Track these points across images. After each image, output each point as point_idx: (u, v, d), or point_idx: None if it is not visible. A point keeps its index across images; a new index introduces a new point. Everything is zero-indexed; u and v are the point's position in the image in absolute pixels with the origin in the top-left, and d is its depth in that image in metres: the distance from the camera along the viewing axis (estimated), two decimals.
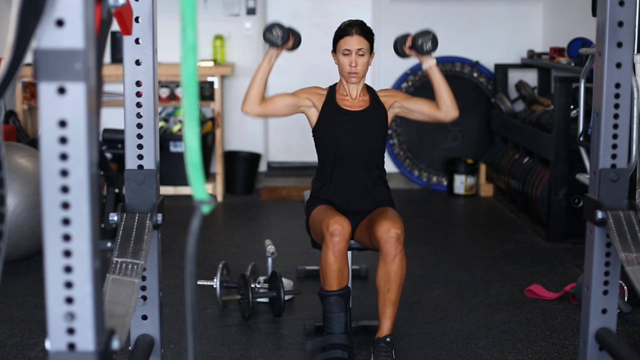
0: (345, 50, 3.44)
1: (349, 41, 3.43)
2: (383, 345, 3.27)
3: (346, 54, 3.44)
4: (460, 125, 7.02)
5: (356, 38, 3.43)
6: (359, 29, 3.45)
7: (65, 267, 1.42)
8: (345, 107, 3.51)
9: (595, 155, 2.39)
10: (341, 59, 3.47)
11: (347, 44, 3.44)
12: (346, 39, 3.44)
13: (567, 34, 6.13)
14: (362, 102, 3.54)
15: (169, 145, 6.41)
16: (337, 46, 3.49)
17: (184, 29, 1.34)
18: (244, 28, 6.95)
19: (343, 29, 3.47)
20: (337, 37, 3.49)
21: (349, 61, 3.44)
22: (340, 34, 3.47)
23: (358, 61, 3.44)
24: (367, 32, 3.47)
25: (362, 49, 3.44)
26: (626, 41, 2.29)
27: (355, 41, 3.43)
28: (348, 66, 3.44)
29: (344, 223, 3.25)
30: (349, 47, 3.43)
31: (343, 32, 3.46)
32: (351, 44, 3.43)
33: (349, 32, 3.44)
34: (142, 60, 2.37)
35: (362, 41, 3.44)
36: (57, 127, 1.39)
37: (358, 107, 3.52)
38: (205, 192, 1.38)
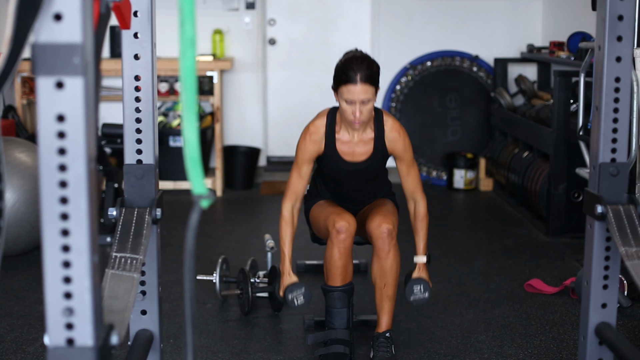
0: (348, 99, 3.10)
1: (353, 91, 3.07)
2: (382, 340, 3.27)
3: (349, 103, 3.11)
4: (460, 120, 7.02)
5: (360, 87, 3.07)
6: (363, 76, 3.06)
7: (64, 262, 1.42)
8: (346, 156, 3.29)
9: (595, 149, 2.38)
10: (343, 105, 3.13)
11: (350, 93, 3.08)
12: (349, 88, 3.07)
13: (566, 28, 6.12)
14: (365, 146, 3.27)
15: (168, 139, 6.40)
16: (338, 89, 3.13)
17: (182, 23, 1.34)
18: (243, 22, 6.94)
19: (345, 73, 3.08)
20: (339, 81, 3.12)
21: (351, 110, 3.11)
22: (342, 79, 3.09)
23: (363, 109, 3.11)
24: (373, 77, 3.11)
25: (367, 98, 3.09)
26: (626, 35, 2.29)
27: (360, 91, 3.07)
28: (351, 115, 3.12)
29: (350, 220, 3.24)
30: (352, 97, 3.08)
31: (346, 78, 3.08)
32: (355, 94, 3.07)
33: (352, 79, 3.06)
34: (140, 54, 2.37)
35: (367, 89, 3.08)
36: (55, 122, 1.38)
37: (360, 156, 3.29)
38: (204, 186, 1.38)
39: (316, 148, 3.27)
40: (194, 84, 1.36)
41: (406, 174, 3.32)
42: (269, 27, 7.02)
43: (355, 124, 3.15)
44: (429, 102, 7.02)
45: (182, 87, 1.36)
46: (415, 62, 6.98)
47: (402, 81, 7.00)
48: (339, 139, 3.28)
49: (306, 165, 3.29)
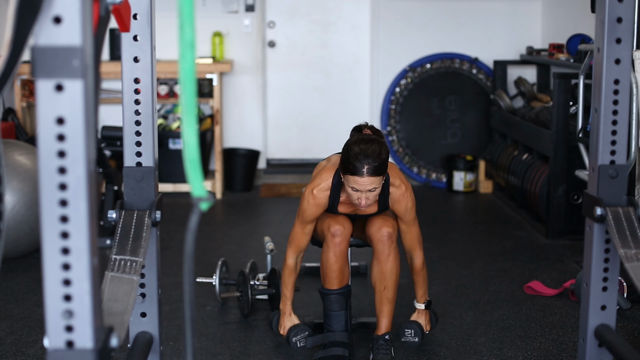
0: (355, 188, 3.05)
1: (360, 182, 3.02)
2: (382, 342, 3.28)
3: (355, 191, 3.06)
4: (460, 122, 7.02)
5: (367, 179, 3.01)
6: (370, 169, 2.99)
7: (64, 265, 1.42)
8: (347, 212, 3.31)
9: (594, 151, 2.38)
10: (349, 190, 3.09)
11: (357, 183, 3.02)
12: (356, 179, 3.01)
13: (566, 30, 6.13)
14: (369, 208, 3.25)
15: (167, 142, 6.41)
16: (345, 175, 3.07)
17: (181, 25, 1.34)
18: (243, 25, 6.94)
19: (353, 164, 3.00)
20: (345, 169, 3.05)
21: (357, 196, 3.07)
22: (349, 169, 3.02)
23: (369, 196, 3.07)
24: (380, 168, 3.02)
25: (374, 187, 3.05)
26: (625, 37, 2.29)
27: (367, 182, 3.02)
28: (356, 200, 3.09)
29: (346, 223, 3.25)
30: (358, 187, 3.03)
31: (353, 169, 3.01)
32: (362, 186, 3.03)
33: (359, 172, 2.99)
34: (140, 57, 2.37)
35: (375, 180, 3.02)
36: (55, 125, 1.38)
37: (362, 213, 3.30)
38: (203, 189, 1.38)
39: (320, 210, 3.26)
40: (194, 87, 1.36)
41: (406, 232, 3.33)
42: (268, 29, 7.03)
43: (360, 207, 3.12)
44: (428, 105, 7.03)
45: (181, 89, 1.36)
46: (415, 65, 6.99)
47: (402, 83, 7.00)
48: (343, 202, 3.27)
49: (310, 225, 3.30)
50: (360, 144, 3.03)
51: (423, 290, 3.43)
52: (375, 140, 3.06)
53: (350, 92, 7.13)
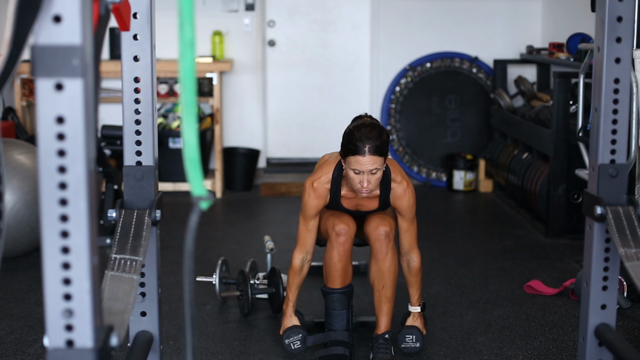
0: (356, 169, 3.06)
1: (361, 161, 3.03)
2: (382, 341, 3.28)
3: (357, 173, 3.07)
4: (460, 121, 7.02)
5: (369, 158, 3.02)
6: (372, 148, 3.01)
7: (64, 264, 1.42)
8: (350, 208, 3.31)
9: (594, 150, 2.38)
10: (351, 174, 3.09)
11: (358, 164, 3.03)
12: (357, 159, 3.03)
13: (566, 30, 6.13)
14: (370, 203, 3.29)
15: (167, 141, 6.40)
16: (346, 159, 3.09)
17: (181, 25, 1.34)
18: (243, 24, 6.94)
19: (354, 144, 3.03)
20: (346, 151, 3.07)
21: (359, 180, 3.07)
22: (350, 150, 3.04)
23: (371, 179, 3.07)
24: (381, 149, 3.04)
25: (375, 168, 3.05)
26: (625, 36, 2.29)
27: (368, 161, 3.02)
28: (358, 184, 3.09)
29: (350, 222, 3.25)
30: (360, 168, 3.04)
31: (354, 149, 3.02)
32: (363, 165, 3.03)
33: (360, 151, 3.01)
34: (140, 56, 2.37)
35: (376, 160, 3.03)
36: (55, 124, 1.38)
37: (363, 208, 3.32)
38: (203, 188, 1.38)
39: (321, 203, 3.26)
40: (194, 86, 1.36)
41: (405, 231, 3.32)
42: (268, 28, 7.02)
43: (362, 193, 3.13)
44: (428, 104, 7.03)
45: (181, 88, 1.36)
46: (415, 64, 6.99)
47: (402, 82, 7.00)
48: (344, 195, 3.27)
49: (313, 220, 3.29)
50: (361, 127, 3.06)
51: (419, 294, 3.41)
52: (376, 124, 3.11)
53: (350, 91, 7.13)
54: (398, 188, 3.23)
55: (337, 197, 3.26)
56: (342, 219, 3.24)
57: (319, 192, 3.23)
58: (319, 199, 3.24)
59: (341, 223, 3.22)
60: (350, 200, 3.28)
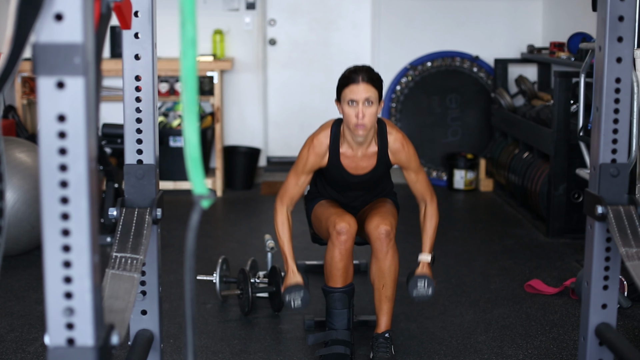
0: (351, 100, 3.11)
1: (355, 90, 3.10)
2: (382, 340, 3.27)
3: (352, 105, 3.11)
4: (460, 120, 7.02)
5: (363, 86, 3.10)
6: (365, 76, 3.11)
7: (65, 262, 1.42)
8: (350, 169, 3.29)
9: (595, 150, 2.38)
10: (346, 110, 3.13)
11: (352, 93, 3.10)
12: (352, 88, 3.10)
13: (567, 29, 6.12)
14: (368, 160, 3.29)
15: (168, 140, 6.41)
16: (341, 95, 3.16)
17: (183, 23, 1.34)
18: (244, 23, 6.94)
19: (347, 76, 3.14)
20: (342, 85, 3.16)
21: (355, 112, 3.10)
22: (345, 82, 3.14)
23: (366, 112, 3.09)
24: (375, 79, 3.15)
25: (370, 98, 3.11)
26: (626, 36, 2.29)
27: (362, 90, 3.10)
28: (354, 118, 3.11)
29: (351, 221, 3.24)
30: (355, 96, 3.09)
31: (348, 79, 3.13)
32: (358, 93, 3.10)
33: (354, 80, 3.11)
34: (141, 54, 2.37)
35: (370, 89, 3.11)
36: (56, 122, 1.38)
37: (363, 169, 3.30)
38: (204, 186, 1.38)
39: (318, 161, 3.27)
40: (195, 84, 1.36)
41: (415, 181, 3.32)
42: (269, 27, 7.02)
43: (358, 129, 3.11)
44: (429, 103, 7.02)
45: (182, 87, 1.36)
46: (416, 63, 6.98)
47: (403, 82, 7.00)
48: (343, 153, 3.27)
49: (305, 176, 3.30)
50: (353, 66, 3.22)
51: (431, 241, 3.32)
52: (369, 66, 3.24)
53: None
54: (395, 141, 3.26)
55: (337, 154, 3.26)
56: (344, 218, 3.24)
57: (317, 150, 3.26)
58: (317, 156, 3.26)
59: (342, 222, 3.22)
60: (349, 159, 3.27)
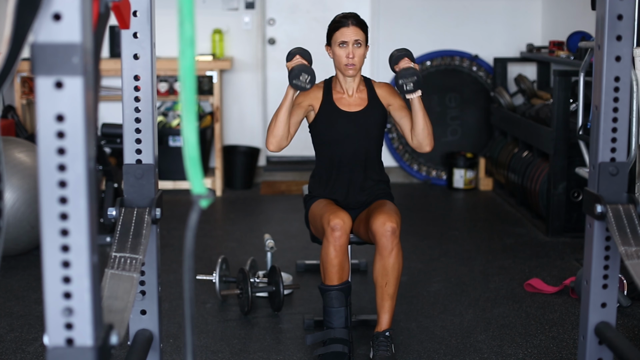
0: (342, 42, 3.40)
1: (345, 32, 3.39)
2: (382, 339, 3.27)
3: (342, 46, 3.41)
4: (460, 119, 7.02)
5: (352, 29, 3.39)
6: (354, 20, 3.40)
7: (63, 262, 1.42)
8: (343, 107, 3.48)
9: (594, 148, 2.38)
10: (337, 51, 3.43)
11: (343, 35, 3.39)
12: (342, 31, 3.40)
13: (566, 28, 6.12)
14: (360, 99, 3.50)
15: (167, 139, 6.40)
16: (332, 39, 3.46)
17: (181, 22, 1.34)
18: (243, 22, 6.93)
19: (338, 20, 3.43)
20: (332, 30, 3.45)
21: (345, 53, 3.40)
22: (336, 26, 3.43)
23: (355, 52, 3.39)
24: (362, 23, 3.44)
25: (359, 40, 3.39)
26: (625, 34, 2.29)
27: (352, 32, 3.39)
28: (345, 58, 3.40)
29: (345, 217, 3.25)
30: (345, 38, 3.39)
31: (338, 23, 3.42)
32: (348, 35, 3.39)
33: (344, 24, 3.40)
34: (140, 54, 2.37)
35: (359, 32, 3.40)
36: (55, 122, 1.38)
37: (356, 107, 3.48)
38: (203, 186, 1.38)
39: (311, 101, 3.49)
40: (194, 84, 1.36)
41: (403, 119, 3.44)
42: (268, 26, 7.02)
43: (349, 68, 3.40)
44: (428, 102, 7.02)
45: (181, 86, 1.36)
46: (415, 62, 6.98)
47: None
48: (335, 96, 3.51)
49: (297, 113, 3.42)
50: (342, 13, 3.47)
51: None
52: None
53: None
54: (380, 86, 3.52)
55: (329, 96, 3.49)
56: (338, 214, 3.24)
57: (312, 93, 3.50)
58: (310, 96, 3.49)
59: (336, 218, 3.22)
60: (342, 99, 3.49)
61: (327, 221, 3.24)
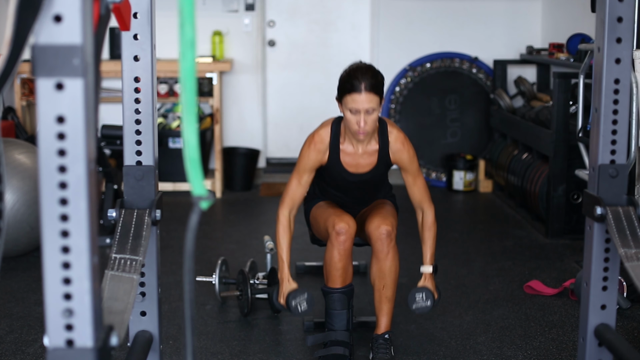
0: (353, 109, 3.08)
1: (358, 99, 3.05)
2: (382, 342, 3.27)
3: (354, 113, 3.09)
4: (459, 121, 7.02)
5: (365, 96, 3.04)
6: (367, 85, 3.04)
7: (64, 264, 1.42)
8: (350, 168, 3.29)
9: (594, 151, 2.38)
10: (348, 115, 3.10)
11: (355, 102, 3.05)
12: (354, 97, 3.05)
13: (566, 30, 6.13)
14: (369, 158, 3.28)
15: (167, 141, 6.40)
16: (342, 98, 3.11)
17: (182, 24, 1.34)
18: (243, 24, 6.94)
19: (350, 82, 3.06)
20: (343, 90, 3.10)
21: (356, 120, 3.08)
22: (347, 88, 3.08)
23: (367, 119, 3.08)
24: (377, 86, 3.08)
25: (372, 107, 3.07)
26: (625, 37, 2.29)
27: (365, 99, 3.04)
28: (355, 125, 3.10)
29: (350, 221, 3.25)
30: (357, 106, 3.06)
31: (350, 87, 3.06)
32: (359, 103, 3.05)
33: (357, 88, 3.04)
34: (140, 56, 2.37)
35: (372, 98, 3.05)
36: (55, 123, 1.38)
37: (364, 167, 3.29)
38: (203, 188, 1.38)
39: (319, 158, 3.27)
40: (194, 86, 1.36)
41: (412, 184, 3.32)
42: (268, 28, 7.02)
43: (359, 134, 3.12)
44: (428, 104, 7.02)
45: (181, 88, 1.36)
46: (415, 64, 6.98)
47: (402, 83, 7.00)
48: (343, 150, 3.27)
49: (307, 174, 3.29)
50: (357, 68, 3.11)
51: (431, 252, 3.32)
52: (371, 66, 3.16)
53: None
54: (396, 140, 3.26)
55: (337, 151, 3.25)
56: (343, 218, 3.24)
57: (319, 147, 3.26)
58: (318, 153, 3.26)
59: (341, 222, 3.22)
60: (350, 157, 3.27)
61: (331, 225, 3.23)
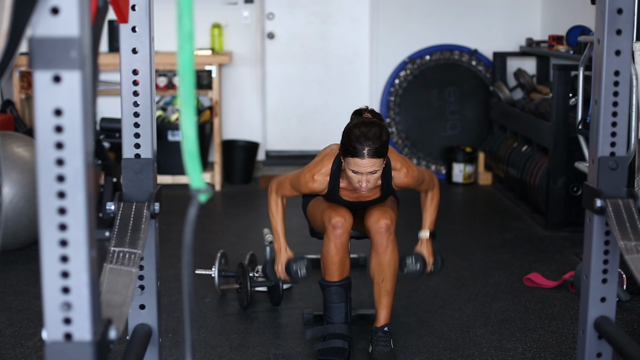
0: (355, 171, 3.04)
1: (360, 164, 3.00)
2: (381, 334, 3.27)
3: (356, 173, 3.05)
4: (459, 114, 7.01)
5: (368, 161, 2.99)
6: (371, 151, 2.97)
7: (62, 257, 1.41)
8: (350, 199, 3.28)
9: (594, 143, 2.38)
10: (349, 173, 3.07)
11: (357, 166, 3.01)
12: (356, 161, 3.00)
13: (566, 22, 6.11)
14: (372, 192, 3.26)
15: (166, 134, 6.40)
16: (345, 157, 3.06)
17: (180, 17, 1.33)
18: (242, 16, 6.92)
19: (353, 146, 2.99)
20: (346, 151, 3.03)
21: (358, 179, 3.05)
22: (350, 151, 3.01)
23: (370, 179, 3.05)
24: (381, 149, 3.00)
25: (374, 170, 3.03)
26: (625, 29, 2.28)
27: (367, 164, 3.00)
28: (357, 183, 3.07)
29: (346, 215, 3.25)
30: (359, 169, 3.02)
31: (353, 151, 2.99)
32: (362, 167, 3.01)
33: (359, 153, 2.98)
34: (139, 48, 2.36)
35: (375, 162, 3.00)
36: (53, 116, 1.38)
37: (366, 198, 3.28)
38: (202, 180, 1.37)
39: (317, 190, 3.27)
40: (192, 78, 1.36)
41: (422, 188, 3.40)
42: (267, 21, 7.01)
43: (361, 191, 3.11)
44: (427, 96, 7.02)
45: (180, 81, 1.35)
46: (414, 56, 6.97)
47: (401, 75, 6.99)
48: (343, 188, 3.26)
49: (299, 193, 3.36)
50: (361, 127, 3.02)
51: (431, 219, 3.38)
52: (376, 123, 3.06)
53: (349, 84, 7.12)
54: (399, 176, 3.24)
55: (336, 189, 3.25)
56: (339, 212, 3.24)
57: (317, 185, 3.25)
58: (313, 191, 3.28)
59: (337, 216, 3.22)
60: (349, 192, 3.27)
61: (328, 218, 3.24)
